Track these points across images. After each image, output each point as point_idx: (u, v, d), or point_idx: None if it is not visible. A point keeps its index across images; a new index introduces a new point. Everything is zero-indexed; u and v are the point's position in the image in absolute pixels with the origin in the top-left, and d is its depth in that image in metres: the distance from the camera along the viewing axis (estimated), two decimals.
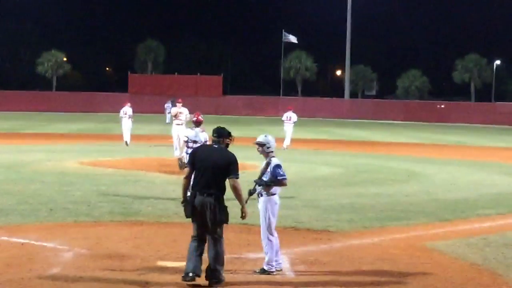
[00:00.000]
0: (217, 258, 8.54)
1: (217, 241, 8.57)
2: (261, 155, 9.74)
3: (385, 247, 11.16)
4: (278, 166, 9.41)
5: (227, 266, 9.56)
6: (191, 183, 8.76)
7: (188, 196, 8.72)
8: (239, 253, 10.39)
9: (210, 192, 8.50)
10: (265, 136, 9.70)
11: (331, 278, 9.15)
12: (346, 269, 9.67)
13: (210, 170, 8.53)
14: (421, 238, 11.99)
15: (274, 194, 9.52)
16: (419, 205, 15.55)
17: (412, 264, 10.04)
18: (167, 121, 53.49)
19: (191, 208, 8.55)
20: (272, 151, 9.59)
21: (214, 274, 8.52)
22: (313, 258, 10.22)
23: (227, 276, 9.03)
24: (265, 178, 9.45)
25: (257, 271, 9.35)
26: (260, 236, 9.69)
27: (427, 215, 14.34)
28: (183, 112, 24.40)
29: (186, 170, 8.85)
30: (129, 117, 30.98)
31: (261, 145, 9.58)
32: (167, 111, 55.63)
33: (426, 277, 9.35)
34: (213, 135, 8.96)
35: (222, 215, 8.56)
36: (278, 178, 9.36)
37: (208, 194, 8.49)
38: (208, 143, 13.33)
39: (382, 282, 9.08)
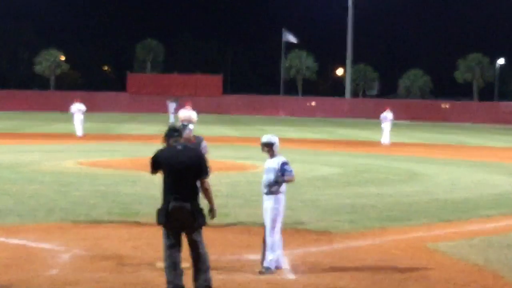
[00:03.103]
0: (203, 261, 8.10)
1: (199, 244, 8.11)
2: (262, 155, 9.75)
3: (386, 248, 11.11)
4: (286, 163, 9.51)
5: (227, 267, 9.52)
6: (162, 189, 8.27)
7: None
8: (239, 254, 10.34)
9: (185, 197, 8.02)
10: (272, 136, 9.71)
11: (331, 279, 9.10)
12: (346, 270, 9.61)
13: (180, 174, 8.04)
14: (423, 239, 11.93)
15: (281, 192, 9.56)
16: (420, 205, 15.49)
17: (414, 265, 9.99)
18: (171, 120, 53.44)
19: (165, 215, 8.04)
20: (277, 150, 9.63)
21: (203, 279, 8.06)
22: (313, 259, 10.17)
23: (227, 277, 8.98)
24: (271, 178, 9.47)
25: (263, 270, 9.31)
26: (260, 236, 9.64)
27: (428, 215, 14.28)
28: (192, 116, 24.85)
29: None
30: (83, 113, 35.19)
31: (271, 145, 9.56)
32: (171, 110, 55.60)
33: (427, 278, 9.31)
34: (170, 135, 8.36)
35: (200, 219, 8.08)
36: (287, 173, 9.44)
37: (183, 200, 8.00)
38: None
39: (383, 283, 9.03)
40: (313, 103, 77.00)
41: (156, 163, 8.24)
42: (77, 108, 35.20)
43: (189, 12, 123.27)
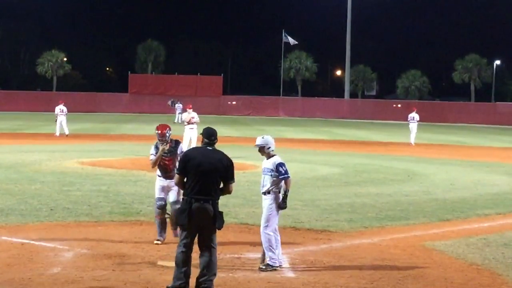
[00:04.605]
0: (212, 267, 8.09)
1: (212, 249, 8.10)
2: (262, 156, 9.87)
3: (385, 247, 11.19)
4: (281, 165, 9.55)
5: (227, 265, 9.61)
6: (185, 189, 8.21)
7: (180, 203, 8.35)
8: (239, 253, 10.40)
9: (208, 198, 8.01)
10: (262, 137, 9.77)
11: (330, 278, 9.17)
12: (345, 269, 9.69)
13: (207, 175, 8.02)
14: (421, 238, 12.01)
15: (278, 191, 9.66)
16: (418, 205, 15.57)
17: (412, 264, 10.06)
18: (175, 120, 53.60)
19: (188, 216, 7.98)
20: (273, 150, 9.69)
21: (206, 283, 8.04)
22: (313, 258, 10.25)
23: (227, 276, 9.06)
24: (268, 179, 9.57)
25: (262, 267, 9.42)
26: (259, 235, 9.73)
27: (426, 215, 14.37)
28: (194, 117, 26.00)
29: (176, 177, 8.37)
30: (65, 114, 36.52)
31: (261, 147, 9.67)
32: (178, 111, 55.71)
33: (425, 277, 9.38)
34: (205, 137, 8.37)
35: (220, 222, 8.10)
36: (281, 176, 9.48)
37: (205, 201, 8.00)
38: None
39: (382, 282, 9.10)
40: (234, 102, 76.10)
41: (185, 162, 8.16)
42: (60, 109, 36.29)
43: (189, 13, 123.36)
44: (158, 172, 11.12)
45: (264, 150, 9.65)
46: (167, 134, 10.94)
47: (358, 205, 15.18)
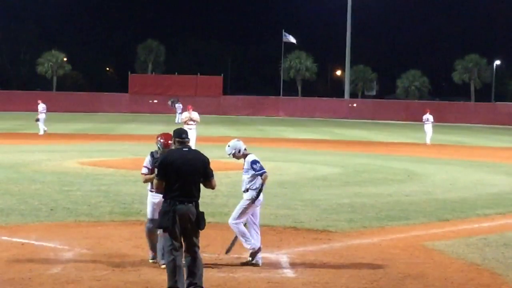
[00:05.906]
0: (199, 266, 8.07)
1: (196, 249, 8.07)
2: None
3: (385, 247, 11.19)
4: (254, 162, 9.78)
5: (227, 265, 9.63)
6: (166, 191, 8.06)
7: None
8: (239, 253, 10.39)
9: (191, 199, 7.97)
10: (228, 146, 9.99)
11: (330, 278, 9.19)
12: (345, 268, 9.70)
13: (188, 177, 7.97)
14: (421, 238, 12.01)
15: (254, 189, 9.84)
16: (418, 205, 15.57)
17: (412, 264, 10.06)
18: (176, 121, 53.66)
19: (172, 218, 7.89)
20: (245, 149, 9.93)
21: (197, 282, 8.04)
22: (313, 258, 10.25)
23: (227, 276, 9.07)
24: (247, 177, 9.79)
25: (249, 259, 9.68)
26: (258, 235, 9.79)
27: (426, 215, 14.37)
28: (193, 116, 26.11)
29: (155, 182, 8.18)
30: (45, 113, 37.93)
31: (233, 154, 9.93)
32: (178, 111, 55.79)
33: (425, 277, 9.38)
34: (176, 137, 8.28)
35: (202, 222, 8.06)
36: (257, 173, 9.69)
37: (189, 202, 7.95)
38: None
39: (382, 282, 9.11)
40: (155, 101, 75.71)
41: (165, 166, 8.03)
42: (43, 107, 37.74)
43: (190, 13, 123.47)
44: (149, 186, 9.88)
45: (236, 155, 9.91)
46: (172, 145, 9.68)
47: (358, 205, 15.18)
